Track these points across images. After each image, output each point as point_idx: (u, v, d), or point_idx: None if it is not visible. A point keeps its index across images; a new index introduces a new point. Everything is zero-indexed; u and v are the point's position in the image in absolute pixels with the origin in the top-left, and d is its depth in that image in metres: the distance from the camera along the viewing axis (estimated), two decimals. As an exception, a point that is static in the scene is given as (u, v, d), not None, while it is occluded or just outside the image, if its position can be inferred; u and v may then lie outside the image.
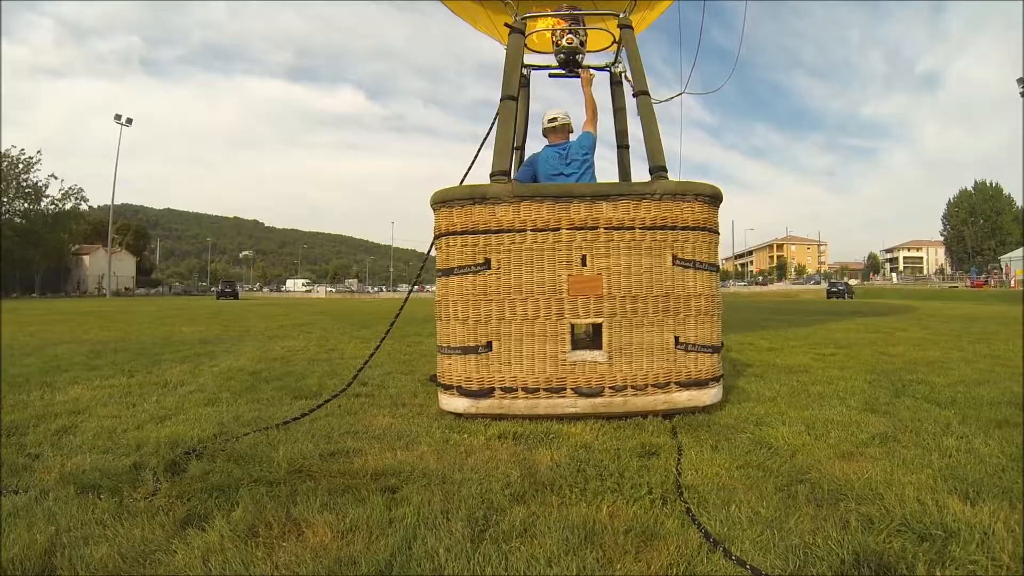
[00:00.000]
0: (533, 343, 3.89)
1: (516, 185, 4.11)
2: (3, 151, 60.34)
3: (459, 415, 3.94)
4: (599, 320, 3.91)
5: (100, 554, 1.97)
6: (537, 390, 3.86)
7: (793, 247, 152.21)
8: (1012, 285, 51.94)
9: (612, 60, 5.89)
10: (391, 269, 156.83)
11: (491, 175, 4.18)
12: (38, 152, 64.18)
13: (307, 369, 6.29)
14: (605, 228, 3.91)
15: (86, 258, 77.83)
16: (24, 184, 62.43)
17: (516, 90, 4.63)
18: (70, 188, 67.85)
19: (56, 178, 67.68)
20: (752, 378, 5.31)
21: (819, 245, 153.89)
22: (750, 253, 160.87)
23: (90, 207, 78.84)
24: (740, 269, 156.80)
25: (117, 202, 77.54)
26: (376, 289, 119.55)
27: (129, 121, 67.78)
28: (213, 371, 6.10)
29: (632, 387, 3.87)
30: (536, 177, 4.79)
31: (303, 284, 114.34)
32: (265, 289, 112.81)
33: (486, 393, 3.88)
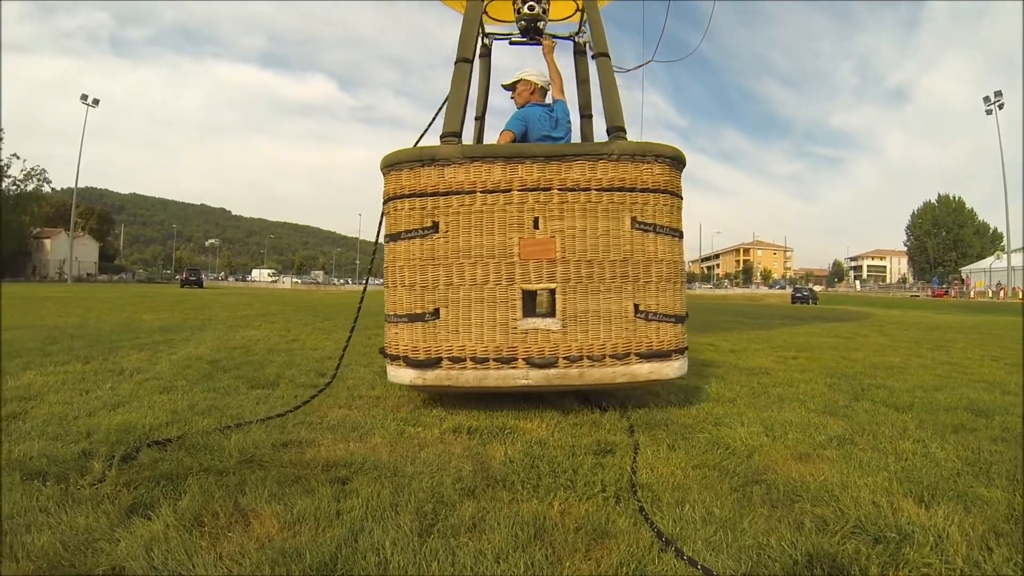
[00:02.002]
0: (482, 310, 3.73)
1: (466, 146, 3.99)
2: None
3: (407, 387, 3.90)
4: (552, 285, 3.75)
5: (42, 542, 1.92)
6: (487, 360, 3.71)
7: (760, 252, 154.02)
8: (972, 296, 53.09)
9: (576, 30, 5.83)
10: (357, 261, 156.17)
11: (441, 136, 4.08)
12: (0, 130, 62.80)
13: (266, 359, 6.20)
14: (559, 189, 3.76)
15: (47, 242, 76.36)
16: (-15, 163, 61.03)
17: (472, 53, 4.54)
18: (32, 169, 66.63)
19: (18, 158, 66.13)
20: (713, 379, 5.32)
21: (785, 251, 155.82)
22: (716, 256, 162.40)
23: (53, 189, 77.45)
24: (707, 272, 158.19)
25: (81, 185, 76.15)
26: (342, 281, 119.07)
27: (96, 102, 66.30)
28: (171, 359, 5.99)
29: (588, 357, 3.70)
30: (527, 133, 4.61)
31: (269, 274, 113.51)
32: (230, 278, 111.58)
33: (433, 363, 3.74)
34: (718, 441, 3.26)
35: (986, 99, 60.79)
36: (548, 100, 4.91)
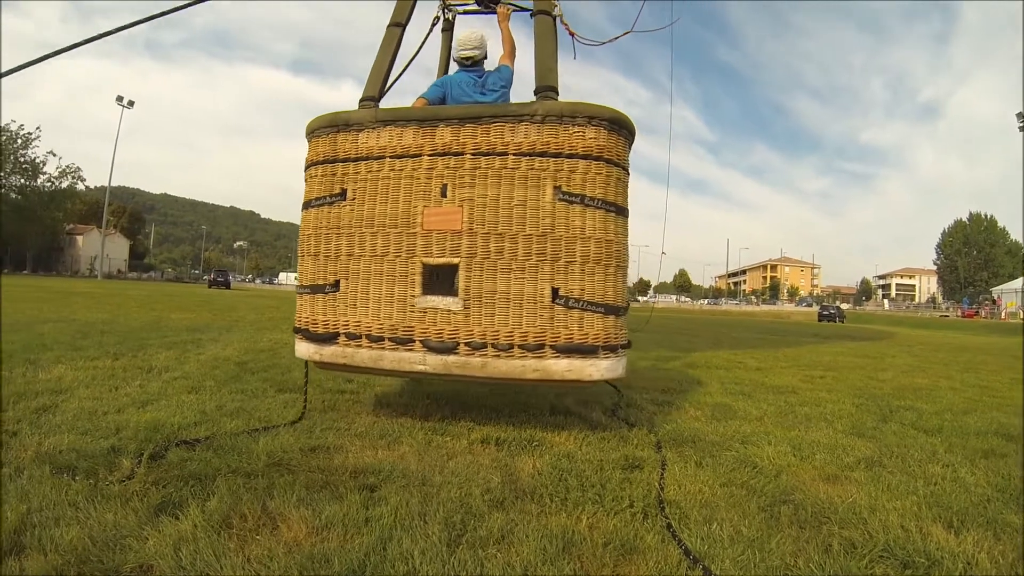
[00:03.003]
0: (380, 284, 3.45)
1: (380, 110, 3.73)
2: (2, 125, 60.07)
3: (310, 362, 3.80)
4: (455, 260, 3.37)
5: (71, 536, 1.95)
6: (382, 339, 3.42)
7: (787, 268, 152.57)
8: (1003, 317, 52.20)
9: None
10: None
11: (360, 100, 3.92)
12: (37, 128, 63.93)
13: (293, 362, 6.19)
14: (472, 154, 3.40)
15: (79, 238, 77.61)
16: (22, 160, 62.13)
17: (405, 18, 4.35)
18: (67, 167, 67.73)
19: (54, 155, 67.37)
20: (740, 396, 5.29)
21: (812, 268, 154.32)
22: (743, 272, 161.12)
23: (87, 187, 78.64)
24: (733, 288, 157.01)
25: (114, 184, 77.21)
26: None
27: (131, 103, 67.15)
28: (199, 359, 6.06)
29: (493, 345, 3.28)
30: (445, 100, 4.27)
31: (295, 278, 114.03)
32: (258, 281, 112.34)
33: (330, 339, 3.55)
34: (746, 460, 3.24)
35: (1019, 115, 59.78)
36: (490, 67, 4.56)
